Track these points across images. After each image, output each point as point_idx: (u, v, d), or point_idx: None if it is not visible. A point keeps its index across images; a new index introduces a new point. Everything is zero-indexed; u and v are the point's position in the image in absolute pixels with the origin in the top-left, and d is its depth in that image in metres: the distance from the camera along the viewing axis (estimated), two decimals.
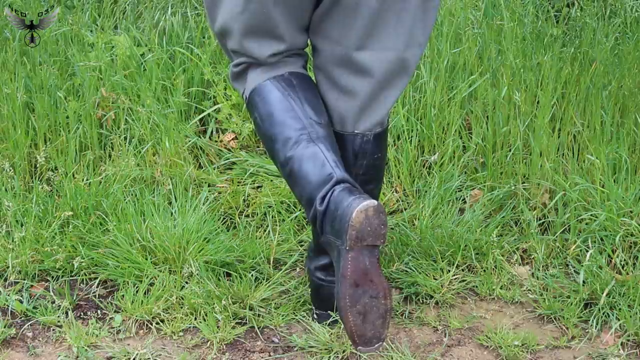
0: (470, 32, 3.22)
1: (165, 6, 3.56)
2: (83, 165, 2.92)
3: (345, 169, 2.14)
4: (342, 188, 2.07)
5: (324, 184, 2.09)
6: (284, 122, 2.16)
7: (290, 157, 2.14)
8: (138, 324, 2.42)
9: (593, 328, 2.41)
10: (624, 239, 2.61)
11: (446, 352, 2.35)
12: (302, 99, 2.19)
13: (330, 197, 2.07)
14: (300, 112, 2.16)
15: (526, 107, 2.95)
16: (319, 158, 2.11)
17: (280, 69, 2.23)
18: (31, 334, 2.39)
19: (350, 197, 2.03)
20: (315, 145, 2.12)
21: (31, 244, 2.59)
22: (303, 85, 2.22)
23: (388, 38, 2.14)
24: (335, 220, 2.05)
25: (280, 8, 2.13)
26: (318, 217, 2.09)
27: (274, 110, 2.18)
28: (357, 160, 2.24)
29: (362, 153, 2.23)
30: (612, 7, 3.60)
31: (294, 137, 2.14)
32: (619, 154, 2.82)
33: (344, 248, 2.03)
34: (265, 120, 2.19)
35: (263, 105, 2.20)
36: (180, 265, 2.53)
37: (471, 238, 2.64)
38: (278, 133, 2.17)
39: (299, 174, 2.13)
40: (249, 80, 2.25)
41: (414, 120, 2.99)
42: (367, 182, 2.26)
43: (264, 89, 2.21)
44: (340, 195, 2.06)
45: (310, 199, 2.11)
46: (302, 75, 2.25)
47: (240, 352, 2.34)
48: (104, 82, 3.14)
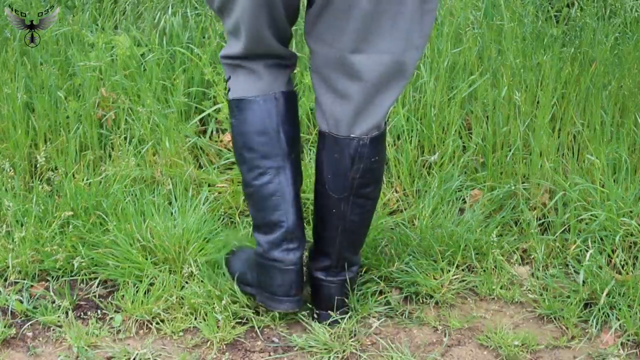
0: (470, 32, 3.22)
1: (165, 6, 3.56)
2: (83, 165, 2.92)
3: (340, 176, 2.25)
4: (278, 258, 2.29)
5: (273, 227, 2.29)
6: (256, 149, 2.26)
7: (252, 185, 2.28)
8: (138, 324, 2.42)
9: (593, 328, 2.41)
10: (624, 239, 2.61)
11: (446, 352, 2.35)
12: (279, 128, 2.25)
13: (268, 257, 2.31)
14: (275, 143, 2.25)
15: (526, 107, 2.95)
16: (277, 200, 2.26)
17: (266, 83, 2.26)
18: (31, 334, 2.39)
19: (274, 295, 2.33)
20: (279, 181, 2.25)
21: (31, 244, 2.59)
22: (285, 111, 2.27)
23: (383, 41, 2.13)
24: (262, 279, 2.34)
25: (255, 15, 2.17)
26: (256, 253, 2.33)
27: (249, 133, 2.27)
28: (354, 164, 2.24)
29: (358, 157, 2.24)
30: (612, 7, 3.60)
31: (262, 167, 2.26)
32: (619, 154, 2.82)
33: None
34: (239, 137, 2.29)
35: (241, 122, 2.28)
36: (180, 265, 2.53)
37: (471, 238, 2.64)
38: (248, 158, 2.28)
39: (256, 204, 2.30)
40: (236, 82, 2.28)
41: (414, 120, 2.99)
42: (365, 185, 2.27)
43: (246, 106, 2.27)
44: (272, 272, 2.31)
45: (257, 225, 2.32)
46: (287, 96, 2.28)
47: (240, 352, 2.34)
48: (104, 82, 3.14)
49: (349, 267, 2.37)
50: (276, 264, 2.32)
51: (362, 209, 2.30)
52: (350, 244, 2.34)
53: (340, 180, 2.26)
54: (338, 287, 2.36)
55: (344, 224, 2.30)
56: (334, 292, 2.37)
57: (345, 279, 2.36)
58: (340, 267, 2.35)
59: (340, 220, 2.30)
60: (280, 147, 2.26)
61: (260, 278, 2.36)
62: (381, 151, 2.27)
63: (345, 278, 2.36)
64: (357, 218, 2.30)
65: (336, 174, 2.27)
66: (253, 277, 2.38)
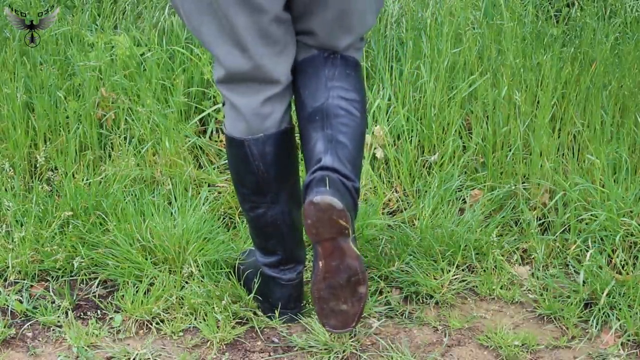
0: (470, 32, 3.22)
1: (165, 6, 3.56)
2: (83, 165, 2.92)
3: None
4: (276, 277, 2.34)
5: (270, 253, 2.33)
6: (247, 185, 2.26)
7: (247, 215, 2.33)
8: (138, 324, 2.41)
9: (593, 328, 2.41)
10: (624, 239, 2.61)
11: (446, 352, 2.35)
12: (269, 169, 2.22)
13: (266, 274, 2.36)
14: (264, 183, 2.23)
15: (526, 107, 2.95)
16: (271, 232, 2.29)
17: (254, 125, 2.21)
18: (31, 334, 2.39)
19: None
20: (272, 214, 2.27)
21: (31, 244, 2.59)
22: (275, 152, 2.22)
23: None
24: (262, 290, 2.38)
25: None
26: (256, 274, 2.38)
27: (240, 171, 2.26)
28: (328, 69, 2.19)
29: (332, 63, 2.19)
30: (612, 7, 3.59)
31: (254, 202, 2.27)
32: (619, 154, 2.82)
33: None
34: (232, 171, 2.30)
35: (232, 158, 2.28)
36: (180, 265, 2.53)
37: (471, 238, 2.64)
38: (240, 191, 2.29)
39: (252, 229, 2.36)
40: (227, 115, 2.24)
41: (414, 120, 2.99)
42: (344, 90, 2.18)
43: (235, 144, 2.23)
44: (271, 285, 2.35)
45: (255, 245, 2.37)
46: (277, 137, 2.22)
47: (240, 352, 2.34)
48: (104, 82, 3.14)
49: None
50: (275, 279, 2.36)
51: (346, 119, 2.18)
52: (342, 155, 2.17)
53: (318, 88, 2.19)
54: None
55: (331, 131, 2.19)
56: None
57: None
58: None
59: (328, 126, 2.18)
60: (271, 185, 2.24)
61: (261, 288, 2.39)
62: (358, 71, 2.24)
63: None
64: (343, 128, 2.17)
65: (315, 84, 2.20)
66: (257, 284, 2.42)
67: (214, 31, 2.13)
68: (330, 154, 2.10)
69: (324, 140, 2.13)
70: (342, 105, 2.17)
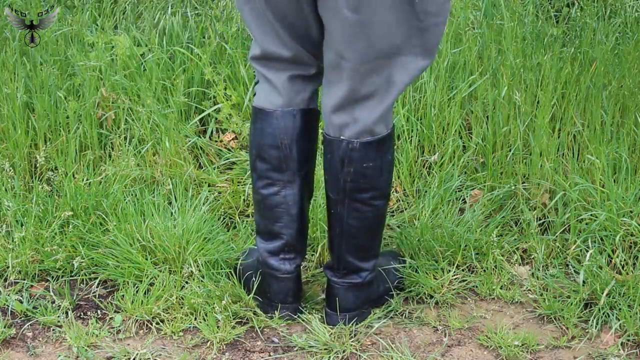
0: (470, 32, 3.22)
1: (165, 6, 3.56)
2: (83, 165, 2.92)
3: (331, 178, 2.27)
4: (275, 267, 2.35)
5: (274, 237, 2.35)
6: (268, 160, 2.30)
7: (260, 193, 2.35)
8: (138, 324, 2.42)
9: (593, 328, 2.41)
10: (624, 239, 2.61)
11: (446, 352, 2.35)
12: (293, 144, 2.29)
13: (266, 264, 2.37)
14: (287, 158, 2.29)
15: (526, 107, 2.95)
16: (281, 213, 2.32)
17: (286, 99, 2.28)
18: (31, 334, 2.39)
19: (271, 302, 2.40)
20: (285, 194, 2.31)
21: (31, 244, 2.59)
22: (301, 128, 2.29)
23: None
24: (261, 286, 2.41)
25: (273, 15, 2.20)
26: (257, 260, 2.40)
27: (263, 145, 2.30)
28: (344, 167, 2.24)
29: (348, 160, 2.24)
30: (612, 7, 3.59)
31: (271, 179, 2.31)
32: (619, 154, 2.82)
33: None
34: (254, 146, 2.33)
35: (257, 132, 2.32)
36: (180, 265, 2.53)
37: (471, 238, 2.64)
38: (259, 167, 2.32)
39: (261, 211, 2.38)
40: (260, 90, 2.32)
41: (414, 120, 2.99)
42: (359, 190, 2.26)
43: (264, 117, 2.30)
44: (269, 279, 2.37)
45: (259, 231, 2.38)
46: (305, 114, 2.30)
47: (240, 352, 2.34)
48: (104, 82, 3.14)
49: (356, 272, 2.36)
50: (273, 271, 2.36)
51: (360, 214, 2.29)
52: (351, 247, 2.33)
53: (334, 182, 2.28)
54: (343, 289, 2.36)
55: (341, 227, 2.31)
56: (338, 293, 2.37)
57: (353, 284, 2.36)
58: (343, 269, 2.35)
59: (338, 222, 2.31)
60: (291, 162, 2.29)
61: (259, 284, 2.40)
62: (377, 158, 2.25)
63: (353, 282, 2.36)
64: (355, 223, 2.30)
65: (330, 174, 2.28)
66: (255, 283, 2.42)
67: (254, 14, 2.23)
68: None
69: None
70: (356, 208, 2.30)
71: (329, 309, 2.39)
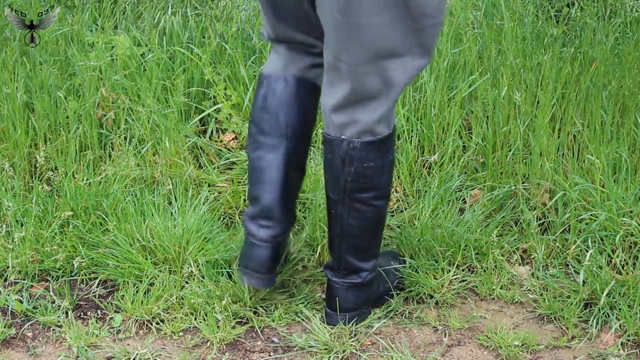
0: (470, 32, 3.22)
1: (165, 6, 3.56)
2: (83, 165, 2.92)
3: (332, 176, 2.27)
4: (251, 231, 2.36)
5: (253, 201, 2.37)
6: (257, 123, 2.34)
7: (249, 156, 2.38)
8: (138, 324, 2.42)
9: (593, 328, 2.41)
10: (624, 239, 2.61)
11: (446, 352, 2.35)
12: (281, 109, 2.32)
13: (245, 228, 2.38)
14: (273, 122, 2.33)
15: (526, 107, 2.95)
16: (261, 177, 2.35)
17: (283, 63, 2.33)
18: (31, 334, 2.39)
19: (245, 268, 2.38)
20: (268, 159, 2.33)
21: (31, 244, 2.59)
22: (291, 94, 2.33)
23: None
24: (241, 252, 2.41)
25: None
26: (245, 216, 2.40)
27: (256, 107, 2.35)
28: (344, 167, 2.25)
29: (349, 160, 2.24)
30: (612, 7, 3.59)
31: (258, 142, 2.34)
32: (619, 154, 2.82)
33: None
34: (252, 110, 2.39)
35: (255, 95, 2.38)
36: (180, 265, 2.53)
37: (471, 238, 2.64)
38: (251, 130, 2.37)
39: (249, 175, 2.40)
40: (270, 57, 2.39)
41: (414, 120, 2.99)
42: (360, 190, 2.26)
43: (261, 80, 2.37)
44: (247, 244, 2.38)
45: (248, 196, 2.40)
46: (299, 81, 2.33)
47: (240, 352, 2.34)
48: (104, 82, 3.14)
49: (356, 272, 2.36)
50: (249, 236, 2.37)
51: (360, 214, 2.29)
52: (351, 248, 2.33)
53: (334, 182, 2.28)
54: (343, 289, 2.36)
55: (341, 227, 2.31)
56: (338, 293, 2.37)
57: (353, 284, 2.36)
58: (343, 269, 2.35)
59: (338, 222, 2.31)
60: (278, 127, 2.32)
61: (241, 249, 2.42)
62: (378, 158, 2.25)
63: (353, 282, 2.36)
64: (355, 223, 2.30)
65: (330, 174, 2.28)
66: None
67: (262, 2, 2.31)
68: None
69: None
70: (356, 208, 2.30)
71: (329, 309, 2.39)
